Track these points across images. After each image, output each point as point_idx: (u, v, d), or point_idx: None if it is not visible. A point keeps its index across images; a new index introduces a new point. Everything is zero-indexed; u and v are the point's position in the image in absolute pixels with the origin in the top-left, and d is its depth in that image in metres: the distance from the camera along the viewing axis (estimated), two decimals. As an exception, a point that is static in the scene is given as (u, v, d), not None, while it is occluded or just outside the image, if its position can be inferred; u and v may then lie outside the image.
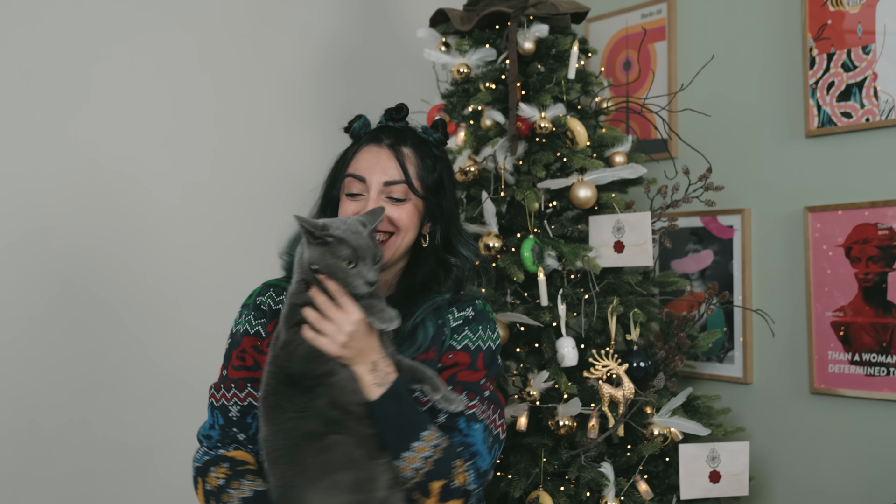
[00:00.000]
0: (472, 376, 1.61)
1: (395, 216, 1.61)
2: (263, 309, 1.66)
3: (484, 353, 1.64)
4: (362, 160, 1.63)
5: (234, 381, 1.62)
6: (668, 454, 2.24)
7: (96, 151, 2.37)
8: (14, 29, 2.25)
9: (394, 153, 1.62)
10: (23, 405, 2.25)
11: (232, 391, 1.62)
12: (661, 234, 2.41)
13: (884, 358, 2.31)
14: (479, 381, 1.61)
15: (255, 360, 1.62)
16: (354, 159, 1.64)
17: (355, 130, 1.69)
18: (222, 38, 2.60)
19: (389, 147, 1.63)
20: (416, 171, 1.63)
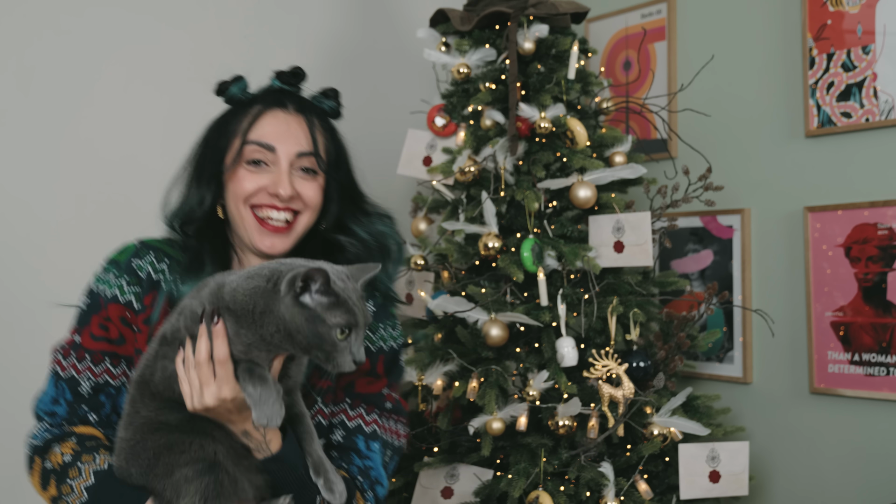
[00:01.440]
0: (373, 386, 1.45)
1: (305, 192, 1.43)
2: (140, 275, 1.44)
3: (385, 356, 1.48)
4: (268, 125, 1.44)
5: (89, 352, 1.41)
6: (667, 454, 2.24)
7: (96, 152, 2.37)
8: (15, 32, 2.26)
9: (305, 121, 1.45)
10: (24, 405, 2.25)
11: (85, 363, 1.41)
12: (661, 234, 2.41)
13: (884, 358, 2.31)
14: (380, 391, 1.46)
15: (121, 334, 1.42)
16: (257, 124, 1.44)
17: (234, 95, 1.50)
18: (222, 39, 2.60)
19: (298, 112, 1.46)
20: (323, 142, 1.47)
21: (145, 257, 1.47)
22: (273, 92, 1.50)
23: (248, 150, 1.43)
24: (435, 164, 2.46)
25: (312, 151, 1.44)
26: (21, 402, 2.26)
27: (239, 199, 1.43)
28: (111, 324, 1.42)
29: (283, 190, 1.41)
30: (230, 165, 1.43)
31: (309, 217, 1.46)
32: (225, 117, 1.49)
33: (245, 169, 1.43)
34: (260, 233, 1.43)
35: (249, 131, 1.43)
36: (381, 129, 2.86)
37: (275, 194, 1.41)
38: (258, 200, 1.43)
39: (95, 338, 1.42)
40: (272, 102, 1.47)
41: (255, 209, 1.43)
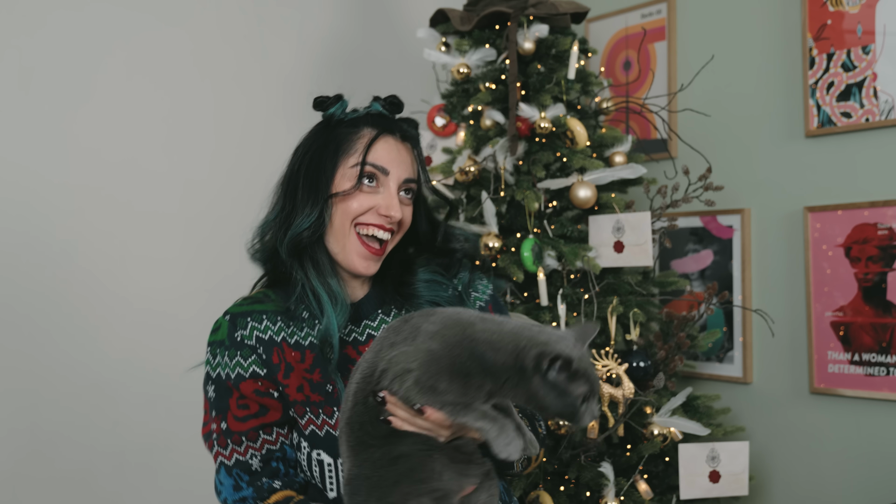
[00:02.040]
0: None
1: (406, 215, 1.50)
2: (249, 344, 1.46)
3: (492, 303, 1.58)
4: (382, 151, 1.47)
5: (243, 434, 1.44)
6: (667, 454, 2.24)
7: (96, 152, 2.37)
8: (15, 31, 2.26)
9: (413, 149, 1.53)
10: (24, 405, 2.25)
11: (244, 444, 1.44)
12: (661, 234, 2.41)
13: (883, 358, 2.31)
14: None
15: (261, 405, 1.45)
16: (373, 148, 1.47)
17: (335, 116, 1.52)
18: (222, 39, 2.60)
19: (405, 140, 1.52)
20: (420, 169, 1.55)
21: (246, 326, 1.47)
22: (377, 117, 1.52)
23: (366, 172, 1.47)
24: (435, 164, 2.47)
25: (416, 179, 1.51)
26: (21, 402, 2.26)
27: (348, 217, 1.46)
28: (248, 400, 1.45)
29: (395, 212, 1.46)
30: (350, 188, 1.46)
31: (397, 239, 1.53)
32: (329, 136, 1.50)
33: (359, 191, 1.46)
34: (359, 255, 1.47)
35: (368, 153, 1.47)
36: (381, 129, 2.86)
37: (386, 215, 1.46)
38: (366, 220, 1.47)
39: (239, 419, 1.45)
40: (384, 128, 1.50)
41: (360, 227, 1.48)
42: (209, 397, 1.48)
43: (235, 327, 1.47)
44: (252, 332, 1.46)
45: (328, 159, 1.48)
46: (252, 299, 1.51)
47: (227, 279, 2.58)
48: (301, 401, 1.45)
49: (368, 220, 1.46)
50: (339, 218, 1.46)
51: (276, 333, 1.46)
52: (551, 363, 1.19)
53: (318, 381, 1.45)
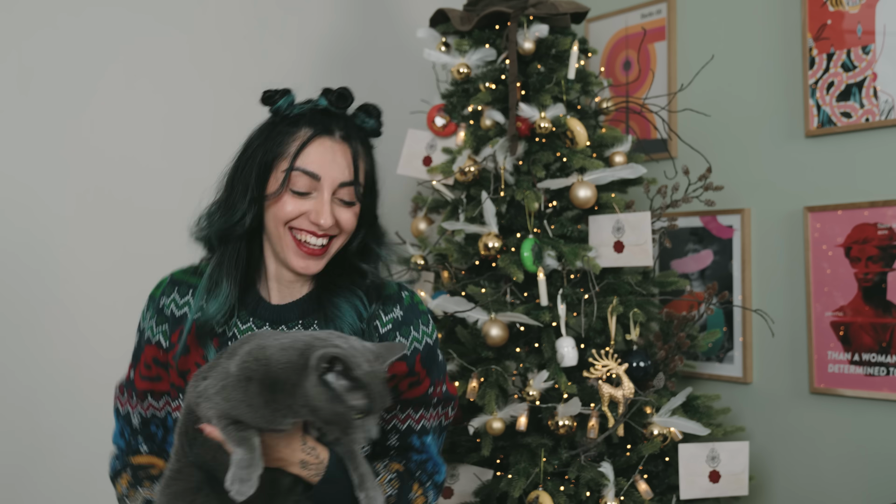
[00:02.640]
0: (417, 389, 1.50)
1: (343, 219, 1.46)
2: (165, 313, 1.51)
3: (421, 354, 1.50)
4: (315, 153, 1.44)
5: (136, 391, 1.52)
6: (667, 454, 2.24)
7: (95, 153, 2.37)
8: (15, 32, 2.26)
9: (350, 150, 1.46)
10: (24, 405, 2.25)
11: (135, 400, 1.52)
12: (661, 234, 2.41)
13: (883, 358, 2.31)
14: (426, 392, 1.50)
15: (157, 373, 1.50)
16: (304, 151, 1.44)
17: (280, 108, 1.49)
18: (222, 40, 2.60)
19: (343, 140, 1.47)
20: (363, 169, 1.49)
21: (171, 294, 1.53)
22: (320, 113, 1.49)
23: (294, 176, 1.44)
24: (435, 164, 2.46)
25: (353, 182, 1.46)
26: (21, 402, 2.26)
27: (279, 221, 1.45)
28: (151, 365, 1.51)
29: (324, 220, 1.43)
30: (276, 191, 1.45)
31: (342, 241, 1.49)
32: (270, 133, 1.49)
33: (288, 195, 1.44)
34: (296, 254, 1.46)
35: (297, 157, 1.44)
36: (381, 128, 2.86)
37: (316, 223, 1.44)
38: (298, 224, 1.45)
39: (142, 377, 1.51)
40: (320, 129, 1.46)
41: (294, 231, 1.46)
42: (135, 344, 1.55)
43: (165, 294, 1.53)
44: (171, 303, 1.52)
45: (264, 158, 1.47)
46: (196, 269, 1.55)
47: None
48: (180, 386, 1.48)
49: (300, 224, 1.45)
50: (272, 221, 1.46)
51: (191, 312, 1.49)
52: (331, 364, 1.20)
53: None
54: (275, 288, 1.52)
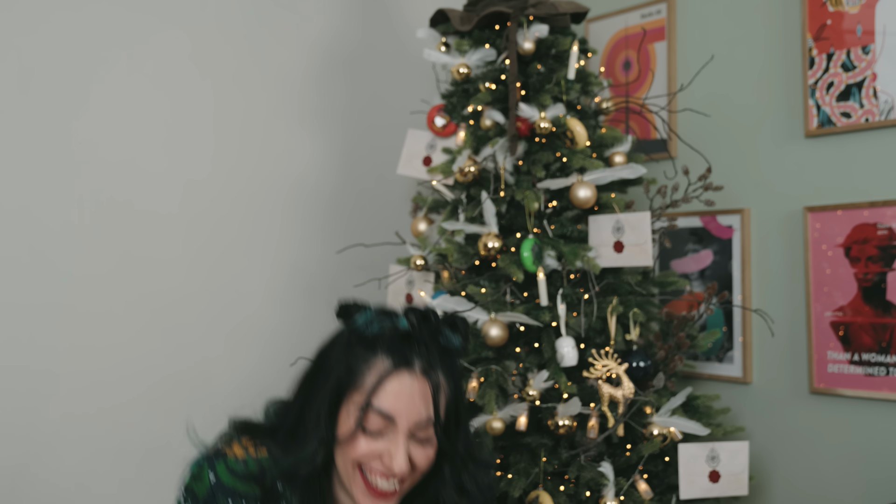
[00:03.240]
0: None
1: (417, 460, 1.37)
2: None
3: None
4: (391, 391, 1.34)
5: None
6: (667, 454, 2.24)
7: (96, 152, 2.37)
8: (15, 31, 2.26)
9: (430, 385, 1.36)
10: (24, 405, 2.25)
11: None
12: (661, 234, 2.41)
13: (883, 358, 2.31)
14: None
15: None
16: (381, 390, 1.34)
17: (357, 329, 1.40)
18: (222, 40, 2.61)
19: (423, 375, 1.37)
20: (444, 402, 1.39)
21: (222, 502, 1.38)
22: (399, 338, 1.39)
23: (369, 415, 1.35)
24: (435, 164, 2.46)
25: (432, 421, 1.37)
26: (21, 403, 2.26)
27: (349, 459, 1.37)
28: None
29: (397, 468, 1.35)
30: (349, 431, 1.36)
31: (415, 479, 1.40)
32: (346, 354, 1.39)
33: (362, 436, 1.35)
34: (365, 495, 1.38)
35: (374, 395, 1.35)
36: (380, 129, 2.86)
37: (389, 468, 1.36)
38: (370, 465, 1.37)
39: None
40: (400, 360, 1.37)
41: (364, 470, 1.38)
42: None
43: (214, 498, 1.37)
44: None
45: (338, 386, 1.38)
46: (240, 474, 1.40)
47: (229, 281, 2.58)
48: None
49: (373, 466, 1.37)
50: (342, 459, 1.39)
51: None
52: None
53: None
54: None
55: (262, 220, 2.65)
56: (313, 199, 2.75)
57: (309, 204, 2.75)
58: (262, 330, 2.64)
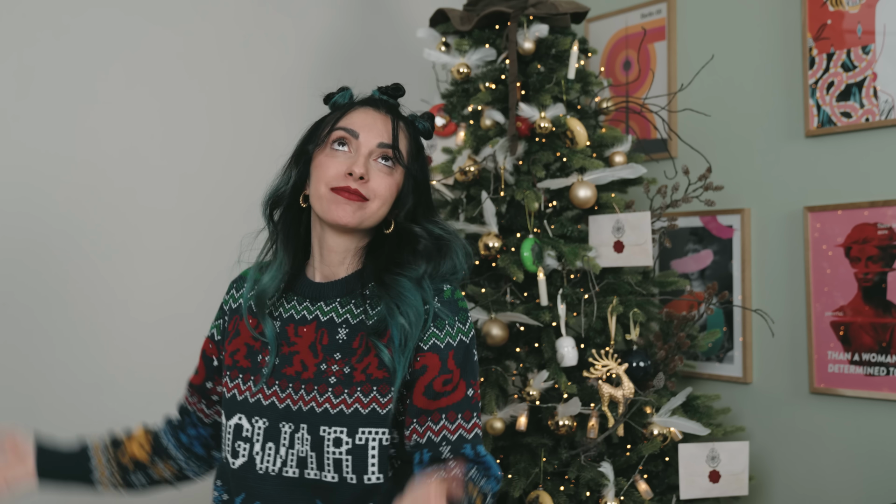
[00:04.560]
0: (456, 394, 1.44)
1: (377, 182, 1.46)
2: (223, 308, 1.61)
3: (454, 351, 1.45)
4: (357, 117, 1.50)
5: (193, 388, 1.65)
6: (667, 454, 2.24)
7: (95, 152, 2.37)
8: (15, 33, 2.26)
9: (391, 121, 1.51)
10: (23, 405, 2.25)
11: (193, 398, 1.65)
12: (661, 233, 2.41)
13: (883, 358, 2.31)
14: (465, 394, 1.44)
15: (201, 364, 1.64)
16: (346, 116, 1.50)
17: (337, 102, 1.57)
18: (222, 40, 2.60)
19: (387, 114, 1.52)
20: (405, 144, 1.52)
21: (228, 291, 1.62)
22: (369, 97, 1.58)
23: (336, 135, 1.49)
24: (435, 163, 2.46)
25: (391, 144, 1.48)
26: (21, 402, 2.26)
27: (320, 182, 1.48)
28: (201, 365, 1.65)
29: (357, 167, 1.44)
30: (316, 148, 1.51)
31: (378, 205, 1.47)
32: (323, 117, 1.57)
33: (329, 154, 1.48)
34: (333, 202, 1.46)
35: (340, 120, 1.51)
36: (381, 128, 2.86)
37: (349, 173, 1.45)
38: (337, 184, 1.46)
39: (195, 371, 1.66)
40: (365, 102, 1.55)
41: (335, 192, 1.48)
42: None
43: (226, 292, 1.62)
44: (229, 300, 1.59)
45: (315, 133, 1.54)
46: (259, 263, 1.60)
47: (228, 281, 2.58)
48: (229, 365, 1.51)
49: (339, 183, 1.46)
50: (314, 184, 1.49)
51: (247, 301, 1.54)
52: None
53: (256, 349, 1.50)
54: (318, 269, 1.53)
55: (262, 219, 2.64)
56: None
57: (309, 204, 2.75)
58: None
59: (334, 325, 1.46)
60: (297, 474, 1.41)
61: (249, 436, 1.44)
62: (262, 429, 1.44)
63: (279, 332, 1.49)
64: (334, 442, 1.39)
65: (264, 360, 1.47)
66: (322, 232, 1.52)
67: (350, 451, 1.39)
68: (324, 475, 1.40)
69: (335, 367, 1.43)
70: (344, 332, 1.45)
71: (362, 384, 1.42)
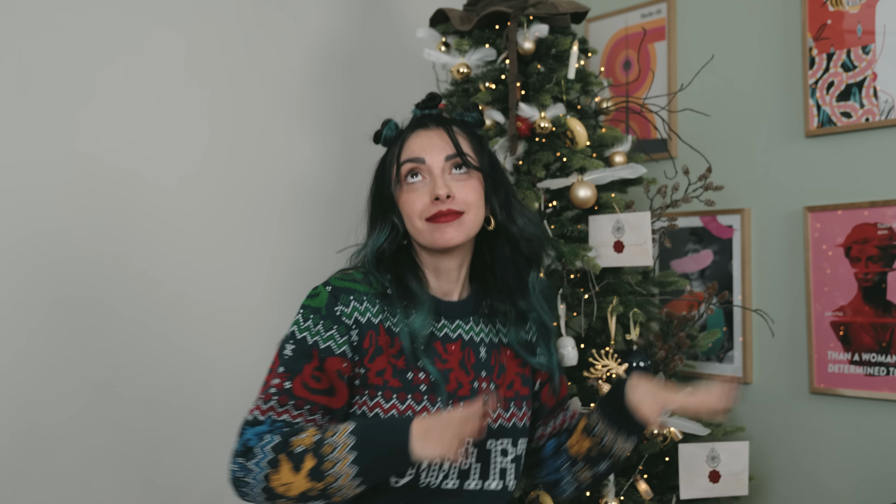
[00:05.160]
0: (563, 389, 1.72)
1: (461, 192, 1.49)
2: (346, 322, 1.46)
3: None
4: (415, 143, 1.52)
5: (304, 401, 1.42)
6: (667, 454, 2.24)
7: (96, 150, 2.37)
8: (15, 31, 2.25)
9: (445, 131, 1.53)
10: (23, 404, 2.25)
11: (286, 407, 1.41)
12: (661, 233, 2.41)
13: (883, 358, 2.31)
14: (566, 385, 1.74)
15: (332, 385, 1.43)
16: (405, 148, 1.53)
17: (387, 137, 1.59)
18: (221, 40, 2.60)
19: (438, 126, 1.54)
20: (468, 146, 1.54)
21: (347, 303, 1.47)
22: (415, 119, 1.59)
23: (404, 169, 1.51)
24: (435, 163, 2.46)
25: (456, 152, 1.51)
26: (21, 401, 2.26)
27: (413, 217, 1.51)
28: (325, 375, 1.44)
29: (439, 190, 1.47)
30: (394, 189, 1.52)
31: (474, 213, 1.51)
32: (382, 157, 1.59)
33: (407, 190, 1.51)
34: (434, 230, 1.49)
35: (401, 154, 1.53)
36: (381, 128, 2.86)
37: (435, 197, 1.47)
38: (430, 213, 1.49)
39: (308, 388, 1.43)
40: (414, 126, 1.57)
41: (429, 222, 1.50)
42: (284, 353, 1.45)
43: (336, 301, 1.47)
44: (353, 312, 1.47)
45: (382, 177, 1.56)
46: (351, 277, 1.52)
47: (227, 280, 2.58)
48: (378, 385, 1.45)
49: (431, 212, 1.48)
50: (408, 221, 1.52)
51: (374, 316, 1.48)
52: None
53: (401, 367, 1.47)
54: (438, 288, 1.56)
55: (261, 218, 2.65)
56: (313, 198, 2.75)
57: (308, 204, 2.75)
58: (261, 330, 2.63)
59: (475, 343, 1.54)
60: (457, 486, 1.48)
61: None
62: None
63: (426, 347, 1.49)
64: (501, 453, 1.52)
65: (417, 378, 1.47)
66: (433, 259, 1.54)
67: (514, 461, 1.54)
68: (487, 484, 1.51)
69: (484, 385, 1.53)
70: (483, 351, 1.54)
71: (513, 399, 1.55)
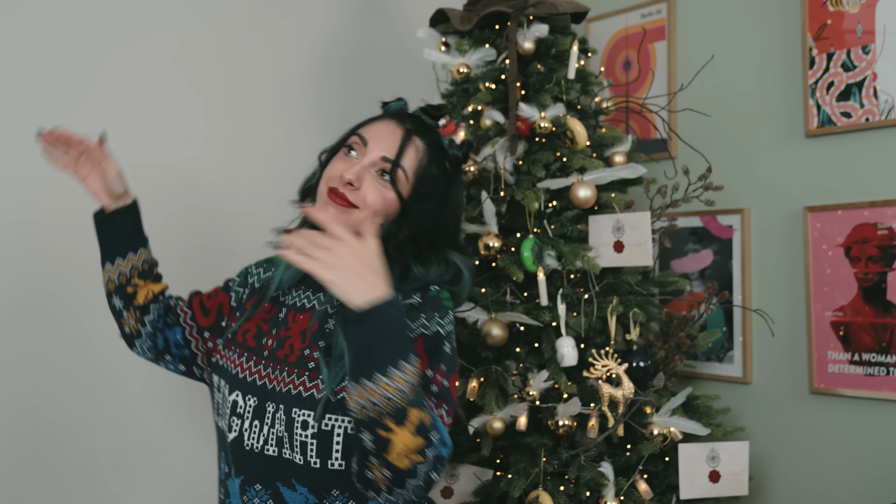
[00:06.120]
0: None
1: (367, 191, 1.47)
2: (249, 280, 1.67)
3: (424, 339, 1.42)
4: (373, 127, 1.54)
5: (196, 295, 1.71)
6: (667, 454, 2.24)
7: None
8: (15, 33, 2.25)
9: (405, 136, 1.52)
10: (24, 405, 2.25)
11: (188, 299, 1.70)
12: (661, 233, 2.41)
13: (883, 358, 2.31)
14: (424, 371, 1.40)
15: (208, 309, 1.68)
16: (369, 123, 1.56)
17: (388, 108, 1.63)
18: (221, 40, 2.60)
19: (404, 129, 1.53)
20: (415, 165, 1.51)
21: (261, 266, 1.68)
22: (398, 109, 1.61)
23: (350, 140, 1.55)
24: (435, 163, 2.46)
25: (392, 161, 1.50)
26: (21, 402, 2.26)
27: (323, 180, 1.53)
28: (211, 301, 1.68)
29: (348, 174, 1.48)
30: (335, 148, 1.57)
31: (365, 215, 1.48)
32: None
33: (340, 157, 1.53)
34: (324, 203, 1.51)
35: (361, 127, 1.56)
36: (380, 128, 2.86)
37: (340, 175, 1.49)
38: (333, 185, 1.51)
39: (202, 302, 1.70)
40: (393, 115, 1.58)
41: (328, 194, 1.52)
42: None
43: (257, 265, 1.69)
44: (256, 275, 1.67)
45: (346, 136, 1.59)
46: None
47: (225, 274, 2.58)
48: (239, 342, 1.57)
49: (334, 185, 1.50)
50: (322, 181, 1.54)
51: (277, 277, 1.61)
52: None
53: (264, 331, 1.55)
54: None
55: (261, 218, 2.64)
56: (313, 198, 2.75)
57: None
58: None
59: (326, 315, 1.51)
60: (276, 453, 1.45)
61: (241, 412, 1.49)
62: (252, 407, 1.48)
63: (283, 317, 1.55)
64: (302, 425, 1.42)
65: (267, 344, 1.53)
66: None
67: (315, 436, 1.41)
68: (294, 456, 1.43)
69: (316, 354, 1.47)
70: (332, 323, 1.49)
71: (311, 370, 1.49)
